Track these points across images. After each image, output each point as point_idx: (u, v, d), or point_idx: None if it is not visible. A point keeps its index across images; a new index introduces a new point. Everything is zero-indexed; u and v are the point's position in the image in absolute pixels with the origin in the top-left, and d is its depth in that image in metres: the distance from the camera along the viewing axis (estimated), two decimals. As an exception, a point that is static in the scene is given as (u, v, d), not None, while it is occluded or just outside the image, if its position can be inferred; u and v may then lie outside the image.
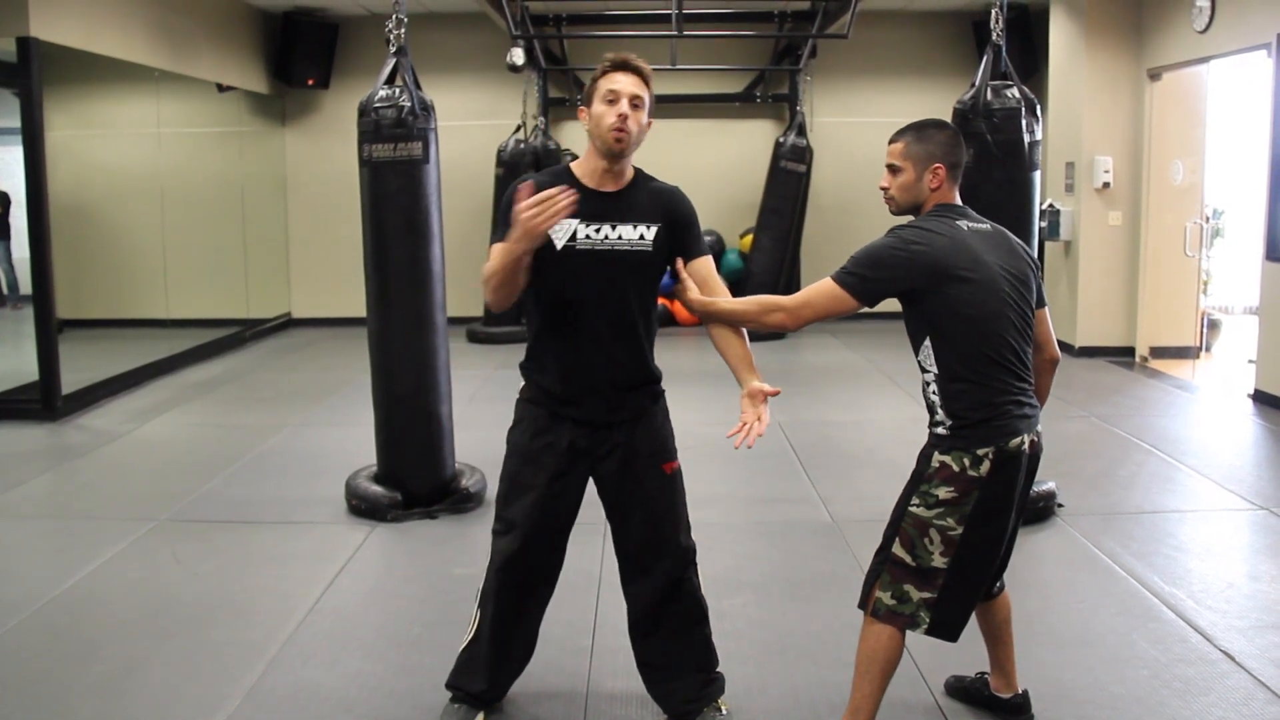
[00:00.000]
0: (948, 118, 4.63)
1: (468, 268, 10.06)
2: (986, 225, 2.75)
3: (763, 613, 3.77)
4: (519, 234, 2.50)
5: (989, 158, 4.50)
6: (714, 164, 10.81)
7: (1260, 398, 7.01)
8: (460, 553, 4.39)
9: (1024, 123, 4.52)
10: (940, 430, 2.65)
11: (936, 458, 2.64)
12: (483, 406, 7.02)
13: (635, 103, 2.66)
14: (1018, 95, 4.54)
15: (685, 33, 8.31)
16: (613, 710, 3.09)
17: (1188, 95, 8.35)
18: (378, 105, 4.63)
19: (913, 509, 2.65)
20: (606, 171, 2.72)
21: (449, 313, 4.94)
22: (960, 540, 2.61)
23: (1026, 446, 2.64)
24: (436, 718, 2.96)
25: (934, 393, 2.66)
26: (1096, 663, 3.34)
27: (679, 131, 10.86)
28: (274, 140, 10.73)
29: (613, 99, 2.64)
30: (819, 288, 2.70)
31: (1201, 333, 8.65)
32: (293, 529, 4.71)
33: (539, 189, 2.55)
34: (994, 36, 4.63)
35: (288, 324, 10.94)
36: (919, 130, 2.78)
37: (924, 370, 2.69)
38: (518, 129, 10.01)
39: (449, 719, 2.94)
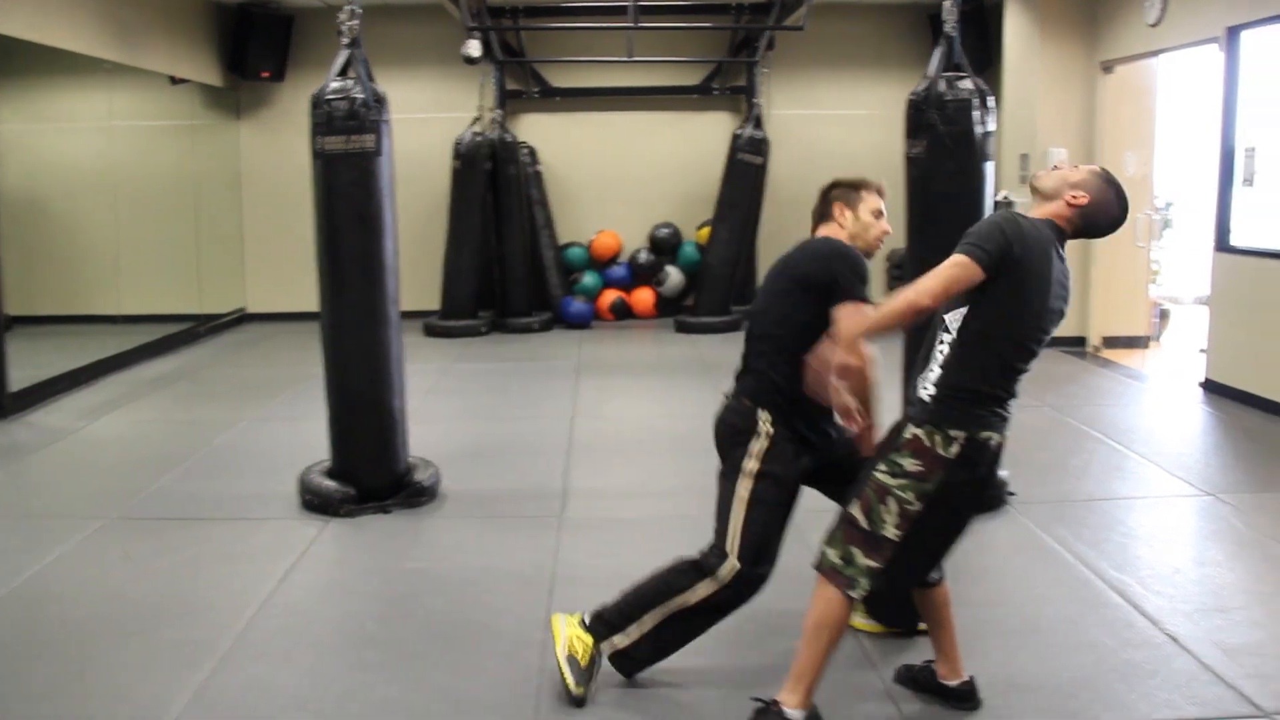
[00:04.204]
0: (902, 110, 4.68)
1: (424, 261, 10.02)
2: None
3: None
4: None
5: (941, 149, 4.53)
6: (671, 156, 10.79)
7: (1210, 386, 7.12)
8: (413, 546, 4.37)
9: (976, 114, 4.55)
10: (924, 395, 2.69)
11: (910, 429, 2.68)
12: (439, 400, 6.98)
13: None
14: (970, 87, 4.56)
15: (641, 24, 8.30)
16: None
17: (1139, 88, 8.46)
18: (330, 97, 4.58)
19: (877, 474, 2.69)
20: None
21: (405, 306, 4.90)
22: (916, 518, 2.64)
23: (994, 444, 2.69)
24: (390, 713, 2.94)
25: (942, 351, 2.69)
26: (1046, 649, 3.39)
27: (636, 124, 10.84)
28: (228, 134, 10.60)
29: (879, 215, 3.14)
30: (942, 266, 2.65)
31: (1152, 322, 8.77)
32: (245, 525, 4.66)
33: None
34: (946, 28, 4.66)
35: (243, 319, 10.81)
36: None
37: (945, 330, 2.70)
38: (474, 121, 9.96)
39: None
